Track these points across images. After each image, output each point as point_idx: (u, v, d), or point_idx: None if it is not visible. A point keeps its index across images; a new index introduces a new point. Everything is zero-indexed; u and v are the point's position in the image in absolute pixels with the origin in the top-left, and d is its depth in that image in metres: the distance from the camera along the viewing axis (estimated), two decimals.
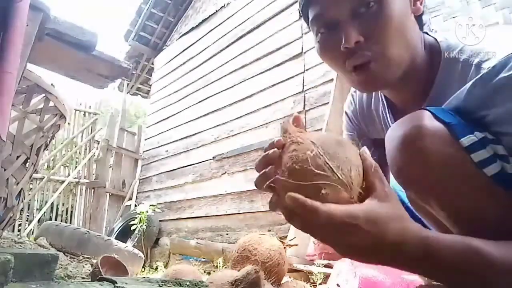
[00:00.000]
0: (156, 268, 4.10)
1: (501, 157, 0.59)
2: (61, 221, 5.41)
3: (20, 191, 1.29)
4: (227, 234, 4.22)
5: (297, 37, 3.96)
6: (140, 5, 6.38)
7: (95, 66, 1.47)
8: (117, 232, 5.13)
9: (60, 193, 5.68)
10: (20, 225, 5.24)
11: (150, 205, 4.61)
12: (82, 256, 2.80)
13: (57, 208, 5.71)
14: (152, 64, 6.75)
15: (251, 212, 3.99)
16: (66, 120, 1.48)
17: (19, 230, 5.14)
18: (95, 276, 1.70)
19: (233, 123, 4.57)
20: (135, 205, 5.50)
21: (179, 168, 5.28)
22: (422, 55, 0.74)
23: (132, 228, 4.60)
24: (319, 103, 3.61)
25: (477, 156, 0.59)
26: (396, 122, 0.66)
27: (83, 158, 6.06)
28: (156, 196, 5.53)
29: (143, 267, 3.52)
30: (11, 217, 1.27)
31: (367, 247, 0.50)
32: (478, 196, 0.59)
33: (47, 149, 2.68)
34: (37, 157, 1.36)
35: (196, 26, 5.75)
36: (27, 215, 5.41)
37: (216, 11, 5.37)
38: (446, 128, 0.60)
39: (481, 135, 0.60)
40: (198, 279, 1.35)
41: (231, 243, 3.92)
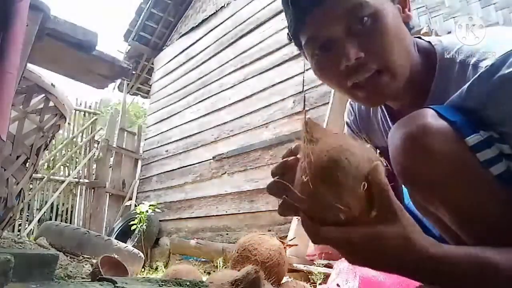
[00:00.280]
0: (156, 268, 4.10)
1: (506, 157, 0.58)
2: (61, 221, 5.41)
3: (20, 191, 1.29)
4: (227, 234, 4.22)
5: None
6: (140, 5, 6.38)
7: (95, 66, 1.47)
8: (117, 232, 5.13)
9: (60, 193, 5.68)
10: (20, 225, 5.24)
11: (150, 205, 4.61)
12: (82, 256, 2.80)
13: (57, 208, 5.71)
14: (152, 64, 6.75)
15: (251, 212, 3.99)
16: (66, 120, 1.48)
17: (19, 230, 5.14)
18: (95, 276, 1.70)
19: (233, 123, 4.57)
20: (135, 205, 5.50)
21: (179, 168, 5.28)
22: (416, 59, 0.73)
23: (132, 228, 4.60)
24: (319, 103, 3.61)
25: (483, 155, 0.58)
26: (399, 120, 0.64)
27: (83, 158, 6.06)
28: (156, 196, 5.53)
29: (143, 267, 3.52)
30: (11, 217, 1.27)
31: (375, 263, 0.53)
32: (483, 196, 0.58)
33: (47, 149, 2.68)
34: (37, 157, 1.36)
35: (196, 26, 5.75)
36: (27, 215, 5.41)
37: (216, 11, 5.37)
38: (451, 126, 0.59)
39: (486, 134, 0.59)
40: (198, 279, 1.35)
41: (231, 243, 3.92)
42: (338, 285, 1.37)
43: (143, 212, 4.57)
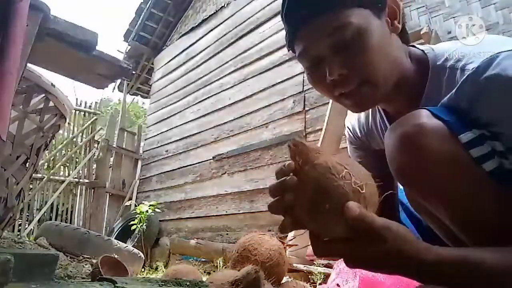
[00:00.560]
0: (156, 268, 4.09)
1: (498, 153, 0.61)
2: (61, 221, 5.40)
3: (20, 191, 1.29)
4: (227, 234, 4.22)
5: None
6: (140, 5, 6.38)
7: (95, 66, 1.46)
8: (117, 232, 5.13)
9: (60, 193, 5.67)
10: (20, 225, 5.23)
11: (150, 205, 4.61)
12: (82, 256, 2.80)
13: (57, 208, 5.70)
14: (152, 64, 6.75)
15: (251, 212, 3.99)
16: (66, 120, 1.48)
17: (19, 230, 5.14)
18: (95, 276, 1.70)
19: (233, 123, 4.57)
20: (135, 205, 5.50)
21: (179, 168, 5.28)
22: (410, 67, 0.77)
23: (132, 228, 4.60)
24: (319, 103, 3.61)
25: (476, 151, 0.60)
26: (395, 122, 0.67)
27: (83, 158, 6.06)
28: (156, 196, 5.53)
29: (143, 267, 3.52)
30: (11, 217, 1.27)
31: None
32: (477, 192, 0.60)
33: (47, 149, 2.68)
34: (37, 157, 1.36)
35: (196, 26, 5.75)
36: (27, 215, 5.40)
37: (216, 11, 5.37)
38: (445, 125, 0.62)
39: (478, 132, 0.61)
40: (198, 279, 1.35)
41: (231, 243, 3.92)
42: (338, 285, 1.37)
43: (143, 212, 4.57)
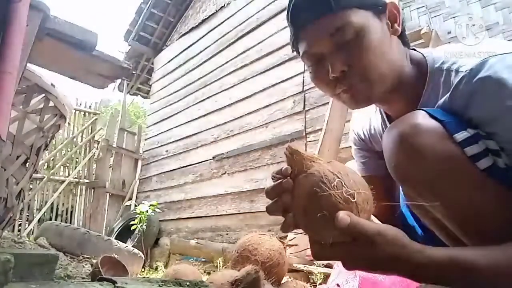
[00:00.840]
0: (156, 268, 4.10)
1: (492, 152, 0.63)
2: (61, 221, 5.40)
3: (20, 191, 1.29)
4: (227, 234, 4.22)
5: None
6: (140, 5, 6.38)
7: (95, 66, 1.46)
8: (117, 232, 5.12)
9: (60, 193, 5.67)
10: (20, 225, 5.23)
11: (150, 205, 4.61)
12: (82, 256, 2.80)
13: (57, 208, 5.70)
14: (152, 64, 6.75)
15: (251, 212, 3.99)
16: (66, 120, 1.48)
17: (19, 230, 5.14)
18: (95, 276, 1.70)
19: (233, 123, 4.57)
20: (135, 205, 5.50)
21: (179, 168, 5.27)
22: (409, 69, 0.79)
23: (132, 228, 4.60)
24: (319, 103, 3.61)
25: (470, 150, 0.62)
26: (392, 122, 0.70)
27: (83, 158, 6.06)
28: (156, 196, 5.53)
29: (143, 267, 3.52)
30: (11, 217, 1.27)
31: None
32: (472, 188, 0.62)
33: (47, 149, 2.68)
34: (37, 157, 1.36)
35: (196, 26, 5.74)
36: (27, 215, 5.40)
37: (216, 11, 5.37)
38: (441, 125, 0.64)
39: (473, 131, 0.64)
40: (198, 279, 1.35)
41: (231, 243, 3.92)
42: (338, 285, 1.37)
43: (143, 212, 4.57)
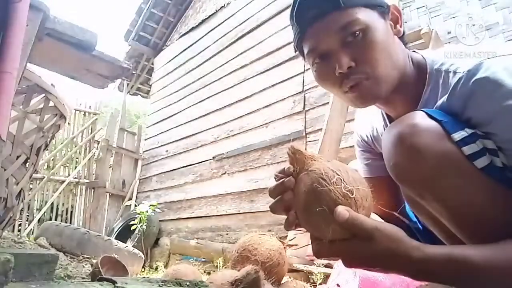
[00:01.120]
0: (156, 268, 4.10)
1: (490, 151, 0.64)
2: (61, 221, 5.40)
3: (20, 191, 1.29)
4: (227, 234, 4.22)
5: None
6: (140, 5, 6.38)
7: (95, 66, 1.46)
8: (117, 232, 5.12)
9: (60, 193, 5.67)
10: (20, 225, 5.23)
11: (150, 205, 4.61)
12: (82, 256, 2.80)
13: (57, 208, 5.70)
14: (152, 64, 6.75)
15: (251, 212, 3.99)
16: (66, 120, 1.47)
17: (19, 230, 5.14)
18: (95, 276, 1.70)
19: (233, 123, 4.57)
20: (135, 205, 5.50)
21: (179, 168, 5.27)
22: (410, 70, 0.81)
23: (132, 228, 4.60)
24: (319, 103, 3.61)
25: (468, 149, 0.63)
26: (392, 123, 0.71)
27: (83, 158, 6.06)
28: (156, 196, 5.53)
29: (143, 267, 3.52)
30: (11, 217, 1.27)
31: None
32: (469, 187, 0.63)
33: (47, 149, 2.68)
34: (37, 157, 1.36)
35: (196, 26, 5.74)
36: (27, 215, 5.40)
37: (216, 11, 5.37)
38: (439, 125, 0.65)
39: (470, 131, 0.65)
40: (198, 279, 1.35)
41: (231, 243, 3.92)
42: (338, 285, 1.37)
43: (143, 212, 4.57)
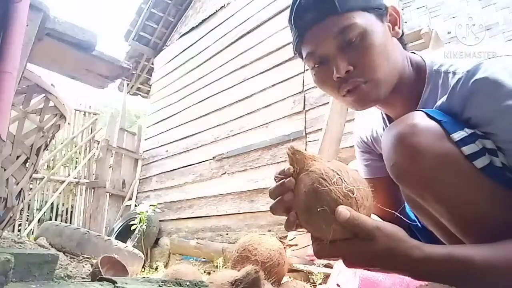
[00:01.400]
0: (156, 268, 4.10)
1: (489, 151, 0.64)
2: (61, 221, 5.41)
3: (20, 191, 1.29)
4: (227, 234, 4.22)
5: None
6: (140, 5, 6.38)
7: (95, 66, 1.47)
8: (117, 232, 5.13)
9: (60, 193, 5.67)
10: (20, 225, 5.23)
11: (150, 205, 4.61)
12: (82, 256, 2.80)
13: (57, 208, 5.70)
14: (152, 64, 6.75)
15: (251, 212, 3.99)
16: (66, 120, 1.48)
17: (19, 230, 5.14)
18: (95, 276, 1.70)
19: (233, 123, 4.57)
20: (135, 205, 5.50)
21: (179, 168, 5.27)
22: (409, 72, 0.81)
23: (132, 228, 4.60)
24: (319, 103, 3.61)
25: (467, 149, 0.63)
26: (391, 123, 0.71)
27: (83, 158, 6.06)
28: (156, 196, 5.53)
29: (143, 267, 3.52)
30: (11, 217, 1.27)
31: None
32: (469, 187, 0.63)
33: (47, 149, 2.68)
34: (37, 157, 1.36)
35: (196, 26, 5.74)
36: (27, 215, 5.40)
37: (216, 11, 5.37)
38: (439, 125, 0.65)
39: (470, 131, 0.65)
40: (198, 279, 1.35)
41: (231, 243, 3.92)
42: (338, 285, 1.37)
43: (143, 212, 4.57)
